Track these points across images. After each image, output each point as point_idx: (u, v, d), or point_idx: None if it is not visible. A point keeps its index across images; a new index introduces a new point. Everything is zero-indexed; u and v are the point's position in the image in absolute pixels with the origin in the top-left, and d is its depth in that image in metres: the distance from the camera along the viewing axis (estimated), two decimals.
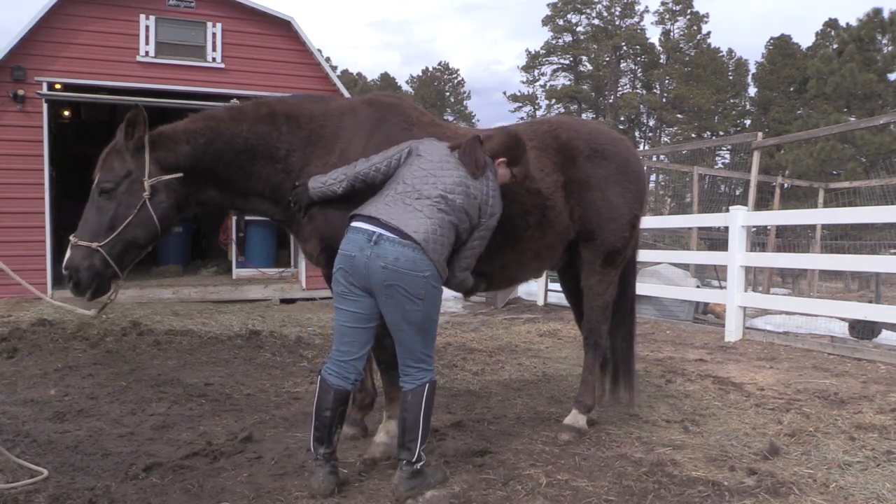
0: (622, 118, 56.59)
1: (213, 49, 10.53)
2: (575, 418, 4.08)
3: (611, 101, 57.43)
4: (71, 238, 3.34)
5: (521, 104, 60.27)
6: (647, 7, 72.54)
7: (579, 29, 58.86)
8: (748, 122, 52.78)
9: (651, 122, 58.60)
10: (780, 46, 50.50)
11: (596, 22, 58.76)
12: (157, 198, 3.39)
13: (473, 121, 61.18)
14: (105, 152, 3.44)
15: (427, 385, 3.12)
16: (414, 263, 2.98)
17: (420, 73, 65.46)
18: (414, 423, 3.08)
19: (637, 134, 57.30)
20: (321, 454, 3.11)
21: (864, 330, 8.17)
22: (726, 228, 8.32)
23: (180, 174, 3.43)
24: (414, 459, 3.08)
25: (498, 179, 3.40)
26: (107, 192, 3.34)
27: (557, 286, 9.10)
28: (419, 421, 3.09)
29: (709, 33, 56.26)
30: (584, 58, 58.45)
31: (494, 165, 3.40)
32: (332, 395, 3.10)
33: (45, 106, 9.65)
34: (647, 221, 9.50)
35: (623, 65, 58.86)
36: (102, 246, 3.29)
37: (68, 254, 3.32)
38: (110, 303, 3.56)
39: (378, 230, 3.01)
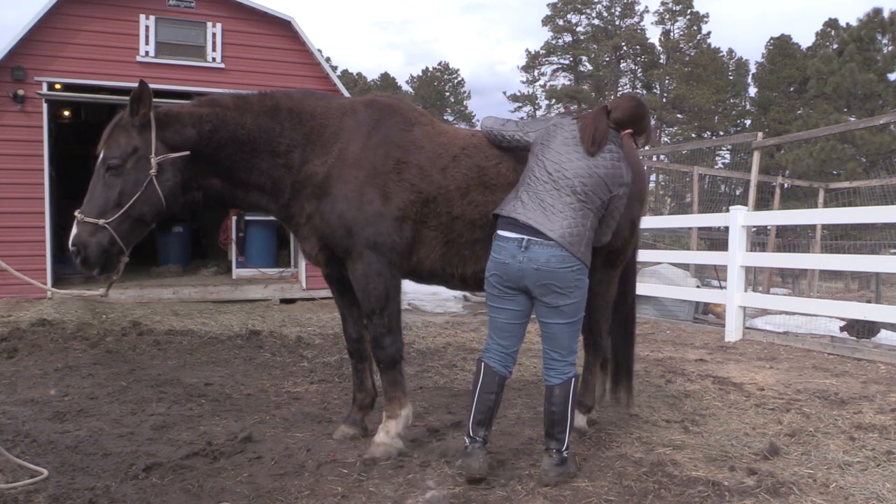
0: None
1: (213, 49, 10.52)
2: (575, 418, 4.08)
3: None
4: (77, 214, 3.32)
5: (521, 104, 60.20)
6: (647, 7, 72.27)
7: (579, 29, 58.79)
8: (748, 122, 52.71)
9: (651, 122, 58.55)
10: (780, 46, 50.46)
11: (596, 22, 58.72)
12: (163, 175, 3.40)
13: (474, 121, 61.12)
14: (110, 127, 3.43)
15: (573, 379, 3.35)
16: (562, 260, 3.20)
17: (420, 73, 65.47)
18: (562, 416, 3.31)
19: None
20: (481, 436, 3.29)
21: (862, 329, 8.17)
22: (726, 228, 8.32)
23: (187, 153, 3.43)
24: (563, 448, 3.29)
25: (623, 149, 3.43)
26: (114, 168, 3.34)
27: None
28: (567, 413, 3.31)
29: (709, 33, 56.11)
30: (584, 58, 58.38)
31: (620, 136, 3.41)
32: (497, 379, 3.34)
33: (45, 106, 9.63)
34: (647, 221, 9.49)
35: (623, 65, 58.79)
36: (109, 222, 3.30)
37: (74, 230, 3.30)
38: (116, 280, 3.55)
39: (525, 237, 3.21)
